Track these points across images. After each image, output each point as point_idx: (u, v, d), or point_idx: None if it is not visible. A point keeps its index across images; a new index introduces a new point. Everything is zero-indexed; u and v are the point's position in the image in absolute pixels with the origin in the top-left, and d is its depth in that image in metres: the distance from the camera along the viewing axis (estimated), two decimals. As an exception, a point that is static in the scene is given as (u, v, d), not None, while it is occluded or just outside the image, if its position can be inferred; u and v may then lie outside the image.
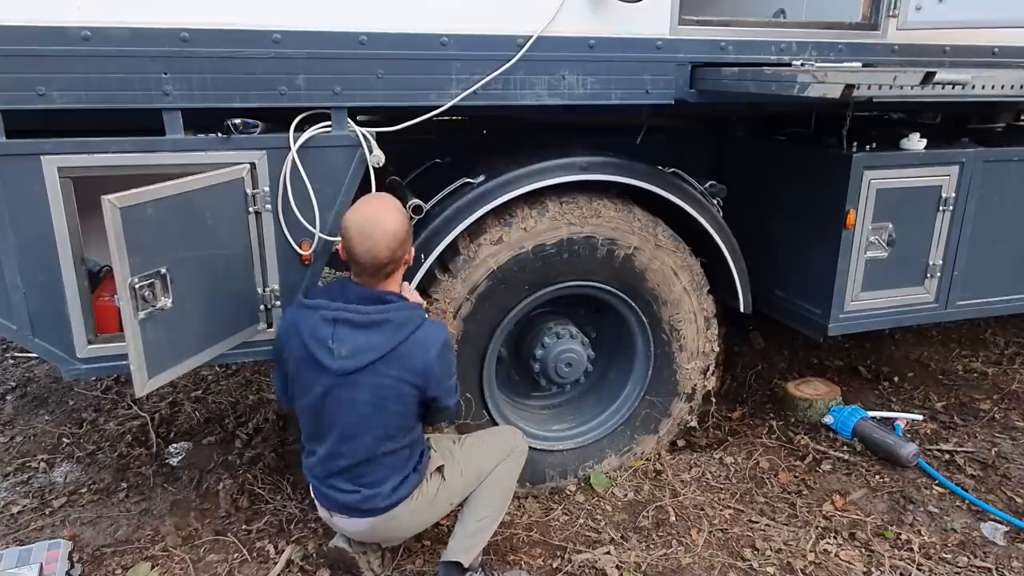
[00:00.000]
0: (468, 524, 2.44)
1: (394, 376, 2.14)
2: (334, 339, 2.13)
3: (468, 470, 2.43)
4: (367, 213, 2.14)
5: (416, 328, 2.17)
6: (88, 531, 2.79)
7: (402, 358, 2.14)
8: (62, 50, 2.04)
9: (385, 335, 2.14)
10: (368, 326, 2.13)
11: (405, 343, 2.14)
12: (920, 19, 2.83)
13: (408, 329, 2.15)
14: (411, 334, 2.15)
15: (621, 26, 2.56)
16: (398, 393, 2.17)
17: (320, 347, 2.14)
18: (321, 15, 2.25)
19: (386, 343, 2.13)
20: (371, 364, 2.13)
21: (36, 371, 4.20)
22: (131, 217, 1.95)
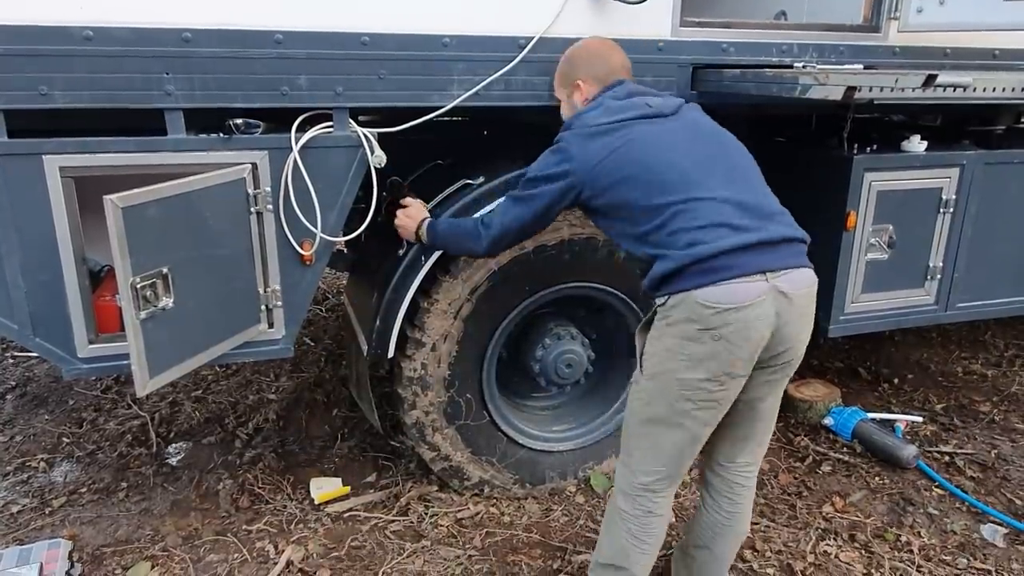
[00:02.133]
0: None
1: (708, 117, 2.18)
2: (645, 104, 2.07)
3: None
4: (599, 39, 2.32)
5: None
6: (88, 531, 2.79)
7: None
8: (64, 50, 2.04)
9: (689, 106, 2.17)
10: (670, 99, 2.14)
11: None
12: (921, 21, 2.83)
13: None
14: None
15: (623, 27, 2.56)
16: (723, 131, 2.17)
17: (637, 109, 2.04)
18: (323, 15, 2.26)
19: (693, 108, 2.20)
20: (684, 106, 2.15)
21: (36, 370, 4.20)
22: (133, 217, 1.95)
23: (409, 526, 2.81)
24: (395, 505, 2.93)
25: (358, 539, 2.74)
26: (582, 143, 2.00)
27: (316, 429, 3.53)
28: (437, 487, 2.99)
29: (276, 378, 4.03)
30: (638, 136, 1.97)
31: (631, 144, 1.95)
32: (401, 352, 2.70)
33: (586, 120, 2.04)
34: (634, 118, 2.00)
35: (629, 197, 1.92)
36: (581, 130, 2.03)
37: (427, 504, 2.92)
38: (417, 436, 2.81)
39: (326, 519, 2.85)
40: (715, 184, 1.89)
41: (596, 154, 1.96)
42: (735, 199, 1.88)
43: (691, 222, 1.84)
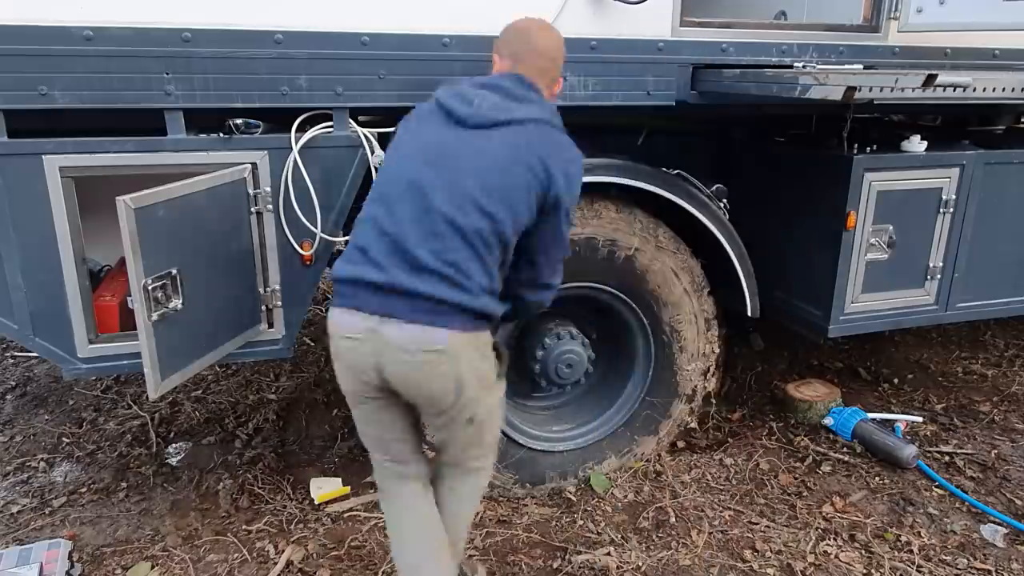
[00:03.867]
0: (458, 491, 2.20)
1: (526, 147, 1.89)
2: (478, 97, 1.93)
3: (497, 409, 2.12)
4: (538, 20, 2.11)
5: (562, 129, 1.99)
6: (88, 531, 2.79)
7: (542, 135, 1.92)
8: (64, 50, 2.05)
9: (532, 109, 1.95)
10: (515, 97, 1.95)
11: (547, 125, 1.95)
12: (921, 21, 2.83)
13: (553, 122, 1.98)
14: (558, 128, 1.98)
15: (623, 27, 2.57)
16: (529, 167, 1.88)
17: (459, 101, 1.93)
18: (323, 16, 2.26)
19: (534, 113, 1.95)
20: (514, 123, 1.91)
21: (36, 370, 4.20)
22: (144, 218, 1.95)
23: (409, 526, 2.81)
24: (395, 505, 2.92)
25: (358, 539, 2.74)
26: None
27: (316, 429, 3.53)
28: (437, 487, 2.99)
29: (276, 378, 4.03)
30: (413, 134, 1.96)
31: (400, 139, 1.98)
32: (401, 352, 2.69)
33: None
34: (439, 110, 1.94)
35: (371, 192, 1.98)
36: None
37: (427, 504, 2.91)
38: (417, 436, 2.80)
39: (326, 519, 2.85)
40: (402, 214, 1.84)
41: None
42: (399, 236, 1.82)
43: (355, 238, 1.92)
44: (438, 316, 1.82)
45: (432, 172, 1.85)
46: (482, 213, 1.82)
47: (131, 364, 2.31)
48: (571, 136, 2.00)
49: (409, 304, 1.81)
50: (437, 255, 1.80)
